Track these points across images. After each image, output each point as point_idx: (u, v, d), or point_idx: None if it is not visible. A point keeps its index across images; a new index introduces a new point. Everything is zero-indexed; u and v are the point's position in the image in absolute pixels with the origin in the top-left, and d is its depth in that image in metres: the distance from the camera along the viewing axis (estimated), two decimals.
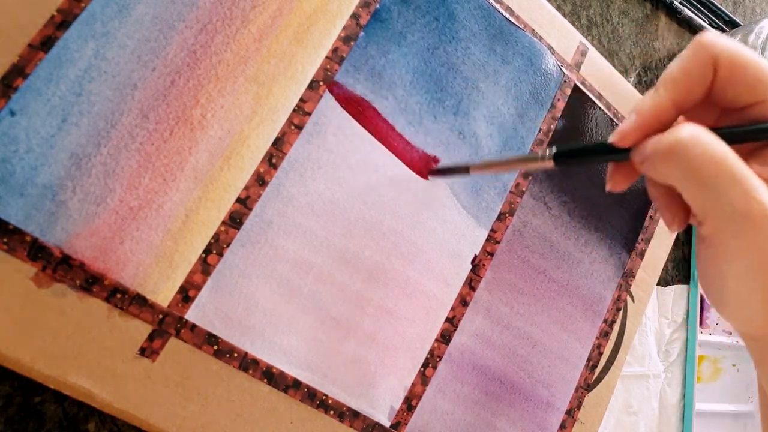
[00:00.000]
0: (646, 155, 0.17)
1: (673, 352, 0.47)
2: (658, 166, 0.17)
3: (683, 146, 0.16)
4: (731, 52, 0.17)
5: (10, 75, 0.24)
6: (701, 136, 0.16)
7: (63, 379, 0.23)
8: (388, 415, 0.29)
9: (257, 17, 0.28)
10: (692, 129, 0.16)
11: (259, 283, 0.27)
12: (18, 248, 0.23)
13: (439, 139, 0.32)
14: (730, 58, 0.17)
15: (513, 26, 0.35)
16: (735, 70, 0.17)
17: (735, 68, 0.17)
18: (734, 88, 0.17)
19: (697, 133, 0.16)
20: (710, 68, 0.17)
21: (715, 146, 0.16)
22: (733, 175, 0.16)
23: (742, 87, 0.17)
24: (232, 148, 0.27)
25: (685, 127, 0.16)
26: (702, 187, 0.16)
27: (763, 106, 0.17)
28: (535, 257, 0.35)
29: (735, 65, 0.17)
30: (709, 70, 0.17)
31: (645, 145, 0.18)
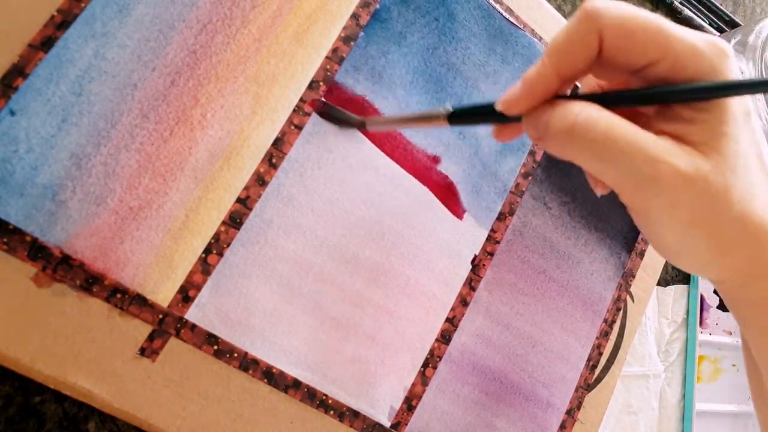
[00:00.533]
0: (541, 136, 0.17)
1: (673, 352, 0.47)
2: (557, 148, 0.17)
3: (578, 130, 0.16)
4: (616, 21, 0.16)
5: (10, 75, 0.24)
6: (592, 116, 0.16)
7: (63, 379, 0.23)
8: (388, 415, 0.29)
9: (257, 17, 0.28)
10: (582, 109, 0.16)
11: (259, 283, 0.27)
12: (18, 248, 0.23)
13: (439, 140, 0.32)
14: (615, 26, 0.16)
15: (513, 26, 0.35)
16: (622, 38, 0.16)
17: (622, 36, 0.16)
18: (625, 54, 0.16)
19: (587, 114, 0.16)
20: (595, 39, 0.16)
21: (607, 122, 0.16)
22: (632, 145, 0.16)
23: (633, 52, 0.16)
24: (232, 148, 0.27)
25: (573, 111, 0.16)
26: (605, 164, 0.16)
27: (658, 66, 0.16)
28: (535, 257, 0.35)
29: (621, 33, 0.16)
30: (594, 41, 0.16)
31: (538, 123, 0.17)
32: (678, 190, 0.16)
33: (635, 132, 0.16)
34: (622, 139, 0.16)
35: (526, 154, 0.35)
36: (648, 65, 0.16)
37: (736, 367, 0.50)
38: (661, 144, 0.16)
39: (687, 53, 0.16)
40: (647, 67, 0.16)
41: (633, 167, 0.16)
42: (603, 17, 0.16)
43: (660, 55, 0.16)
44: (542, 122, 0.17)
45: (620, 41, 0.16)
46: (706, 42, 0.16)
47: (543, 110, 0.17)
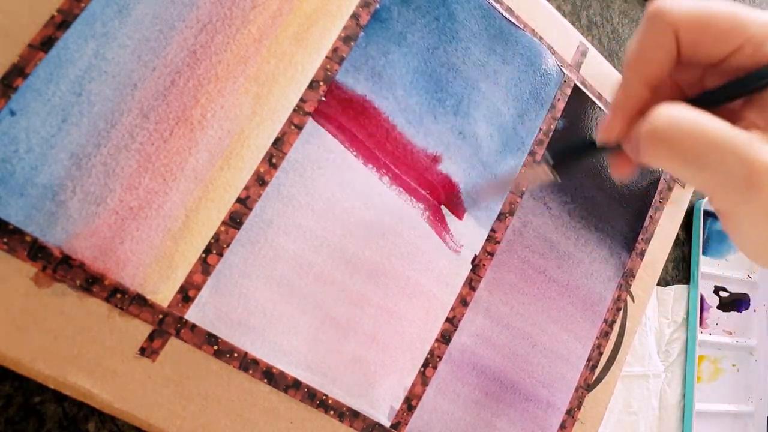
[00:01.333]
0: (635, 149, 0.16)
1: (673, 352, 0.47)
2: (649, 157, 0.16)
3: (661, 133, 0.15)
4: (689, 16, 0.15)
5: (10, 75, 0.24)
6: (676, 117, 0.15)
7: (63, 379, 0.23)
8: (388, 415, 0.29)
9: (257, 17, 0.28)
10: (665, 112, 0.15)
11: (259, 283, 0.27)
12: (18, 248, 0.23)
13: (439, 139, 0.32)
14: (689, 21, 0.15)
15: (513, 26, 0.35)
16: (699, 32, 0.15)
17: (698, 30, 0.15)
18: (704, 48, 0.16)
19: (670, 115, 0.15)
20: (671, 39, 0.16)
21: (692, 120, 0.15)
22: (721, 144, 0.14)
23: (712, 44, 0.16)
24: (232, 148, 0.27)
25: (658, 112, 0.15)
26: (696, 167, 0.15)
27: (739, 54, 0.15)
28: (535, 257, 0.35)
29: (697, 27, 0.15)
30: (671, 41, 0.16)
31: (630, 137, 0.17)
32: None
33: (724, 128, 0.14)
34: (710, 137, 0.14)
35: (526, 154, 0.35)
36: (729, 55, 0.15)
37: (736, 367, 0.50)
38: (755, 139, 0.14)
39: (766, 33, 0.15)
40: (728, 58, 0.16)
41: (724, 168, 0.14)
42: (674, 14, 0.15)
43: (740, 42, 0.15)
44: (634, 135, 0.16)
45: (697, 36, 0.15)
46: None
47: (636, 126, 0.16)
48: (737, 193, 0.15)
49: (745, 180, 0.14)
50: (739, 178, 0.14)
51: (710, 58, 0.16)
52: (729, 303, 0.50)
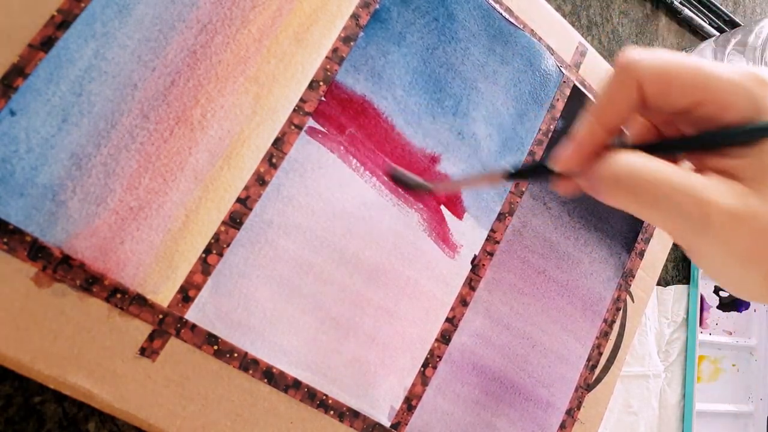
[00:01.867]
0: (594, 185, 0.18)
1: (673, 352, 0.47)
2: (607, 198, 0.17)
3: (622, 178, 0.16)
4: (654, 69, 0.16)
5: (10, 75, 0.24)
6: (636, 163, 0.16)
7: (63, 379, 0.23)
8: (388, 415, 0.29)
9: (257, 17, 0.28)
10: (624, 160, 0.16)
11: (259, 283, 0.27)
12: (18, 248, 0.23)
13: (438, 140, 0.32)
14: (653, 75, 0.16)
15: (512, 26, 0.35)
16: (662, 85, 0.17)
17: (661, 83, 0.17)
18: (667, 99, 0.17)
19: (628, 163, 0.16)
20: (634, 89, 0.17)
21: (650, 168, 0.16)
22: (678, 188, 0.16)
23: (675, 97, 0.17)
24: (232, 148, 0.27)
25: (617, 159, 0.17)
26: (654, 209, 0.16)
27: (702, 107, 0.16)
28: (535, 257, 0.35)
29: (660, 80, 0.16)
30: (634, 92, 0.17)
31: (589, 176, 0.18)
32: (728, 229, 0.16)
33: (680, 175, 0.16)
34: (666, 184, 0.16)
35: (526, 154, 0.35)
36: (691, 107, 0.17)
37: (736, 367, 0.50)
38: (708, 184, 0.16)
39: (728, 91, 0.16)
40: (691, 109, 0.17)
41: (681, 211, 0.16)
42: (640, 68, 0.17)
43: (702, 96, 0.16)
44: (592, 174, 0.18)
45: (660, 88, 0.17)
46: (747, 77, 0.16)
47: (593, 163, 0.18)
48: (693, 232, 0.16)
49: (701, 222, 0.16)
50: (694, 219, 0.16)
51: (674, 109, 0.17)
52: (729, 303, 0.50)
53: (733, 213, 0.15)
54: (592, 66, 0.38)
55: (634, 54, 0.17)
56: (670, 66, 0.16)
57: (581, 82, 0.38)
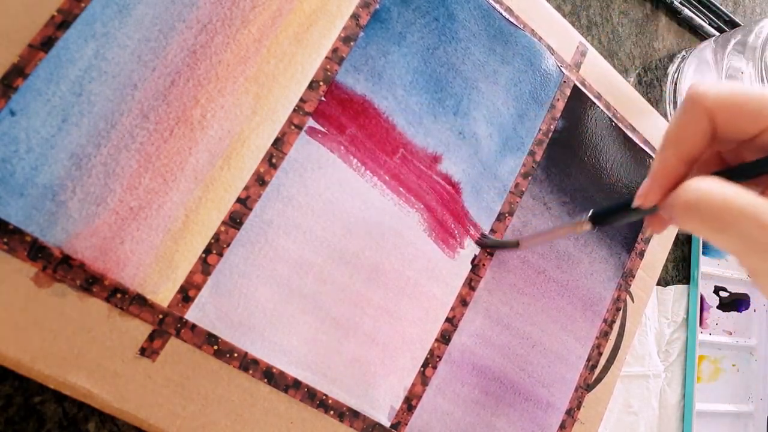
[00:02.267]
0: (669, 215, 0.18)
1: (673, 352, 0.47)
2: (683, 224, 0.18)
3: (692, 205, 0.17)
4: (723, 100, 0.17)
5: (10, 75, 0.24)
6: (705, 190, 0.17)
7: (63, 379, 0.23)
8: (388, 415, 0.29)
9: (257, 17, 0.28)
10: (695, 185, 0.17)
11: (259, 283, 0.27)
12: (18, 248, 0.23)
13: (439, 139, 0.32)
14: (723, 106, 0.17)
15: (512, 26, 0.35)
16: (733, 114, 0.17)
17: (732, 112, 0.17)
18: (737, 126, 0.17)
19: (699, 188, 0.17)
20: (706, 121, 0.18)
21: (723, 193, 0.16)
22: (747, 213, 0.16)
23: (743, 125, 0.17)
24: (232, 148, 0.27)
25: (689, 185, 0.17)
26: (724, 234, 0.17)
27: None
28: (535, 257, 0.35)
29: (731, 110, 0.17)
30: (706, 123, 0.18)
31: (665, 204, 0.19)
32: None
33: (751, 200, 0.16)
34: (737, 208, 0.16)
35: (526, 154, 0.35)
36: (760, 133, 0.17)
37: (736, 367, 0.50)
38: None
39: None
40: (759, 135, 0.17)
41: (749, 235, 0.16)
42: (709, 99, 0.17)
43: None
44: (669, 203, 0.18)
45: (729, 117, 0.17)
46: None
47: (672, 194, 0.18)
48: (761, 257, 0.16)
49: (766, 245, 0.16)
50: (764, 244, 0.16)
51: (743, 136, 0.18)
52: (729, 303, 0.50)
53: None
54: (592, 66, 0.38)
55: (701, 86, 0.18)
56: (737, 95, 0.17)
57: (582, 82, 0.38)
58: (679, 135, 0.19)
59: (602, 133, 0.38)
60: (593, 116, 0.38)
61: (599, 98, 0.38)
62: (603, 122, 0.38)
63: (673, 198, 0.18)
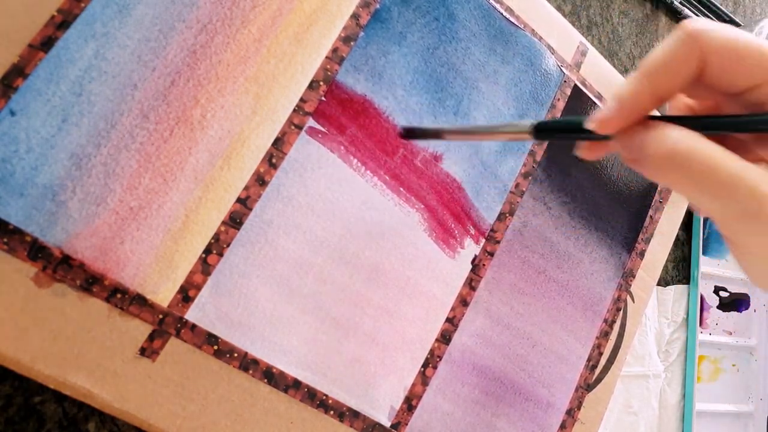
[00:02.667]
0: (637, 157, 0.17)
1: (673, 352, 0.47)
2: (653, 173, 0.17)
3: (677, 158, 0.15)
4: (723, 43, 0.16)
5: (10, 75, 0.24)
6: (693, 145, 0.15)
7: (63, 379, 0.23)
8: (388, 415, 0.29)
9: (257, 17, 0.28)
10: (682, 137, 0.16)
11: (259, 283, 0.27)
12: (18, 248, 0.23)
13: None
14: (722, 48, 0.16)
15: (513, 26, 0.35)
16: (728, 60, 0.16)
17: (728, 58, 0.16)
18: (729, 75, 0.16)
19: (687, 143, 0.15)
20: (696, 60, 0.16)
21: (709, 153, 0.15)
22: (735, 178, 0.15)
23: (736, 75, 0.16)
24: (232, 148, 0.27)
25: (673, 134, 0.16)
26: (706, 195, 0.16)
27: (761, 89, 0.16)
28: (535, 257, 0.35)
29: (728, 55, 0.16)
30: (695, 62, 0.16)
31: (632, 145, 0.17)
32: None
33: (739, 164, 0.15)
34: (724, 172, 0.15)
35: (526, 154, 0.35)
36: (750, 88, 0.16)
37: (736, 367, 0.50)
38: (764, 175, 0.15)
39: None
40: (749, 91, 0.16)
41: (736, 202, 0.15)
42: (709, 38, 0.16)
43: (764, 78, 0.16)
44: (637, 144, 0.17)
45: (724, 63, 0.16)
46: None
47: (637, 131, 0.17)
48: (745, 224, 0.15)
49: (752, 212, 0.15)
50: (747, 210, 0.15)
51: (731, 88, 0.16)
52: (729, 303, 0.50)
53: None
54: (592, 66, 0.38)
55: (701, 22, 0.16)
56: (737, 41, 0.16)
57: (582, 81, 0.37)
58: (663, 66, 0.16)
59: None
60: None
61: (600, 98, 0.38)
62: None
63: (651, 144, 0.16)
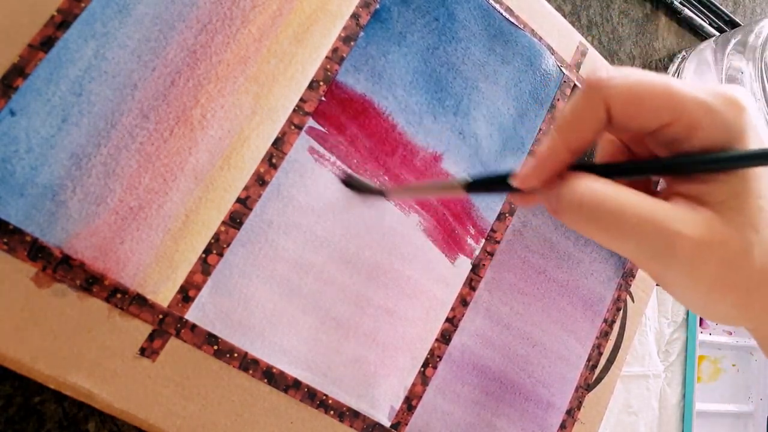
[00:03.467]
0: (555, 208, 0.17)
1: (673, 352, 0.47)
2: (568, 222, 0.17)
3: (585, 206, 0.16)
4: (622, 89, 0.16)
5: (10, 75, 0.24)
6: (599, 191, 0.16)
7: (63, 379, 0.23)
8: (389, 415, 0.29)
9: (257, 17, 0.28)
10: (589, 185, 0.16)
11: (259, 283, 0.27)
12: (18, 248, 0.23)
13: (439, 139, 0.32)
14: (622, 95, 0.16)
15: (513, 26, 0.35)
16: (631, 106, 0.16)
17: (630, 104, 0.16)
18: (636, 119, 0.16)
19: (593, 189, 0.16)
20: (602, 110, 0.16)
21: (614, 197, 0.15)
22: (642, 219, 0.15)
23: (644, 118, 0.16)
24: (232, 148, 0.27)
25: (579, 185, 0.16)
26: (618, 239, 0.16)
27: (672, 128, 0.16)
28: (535, 257, 0.35)
29: (629, 101, 0.16)
30: (601, 112, 0.16)
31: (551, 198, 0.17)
32: (695, 258, 0.15)
33: (645, 204, 0.15)
34: (631, 214, 0.15)
35: (526, 154, 0.35)
36: (661, 127, 0.16)
37: (736, 367, 0.50)
38: (673, 213, 0.15)
39: (699, 112, 0.15)
40: (661, 129, 0.16)
41: (646, 241, 0.15)
42: (608, 87, 0.16)
43: (672, 117, 0.16)
44: (554, 197, 0.17)
45: (629, 108, 0.16)
46: (718, 97, 0.15)
47: (555, 184, 0.17)
48: (660, 263, 0.16)
49: (667, 252, 0.15)
50: (661, 250, 0.15)
51: (642, 129, 0.17)
52: None
53: (699, 242, 0.15)
54: (592, 66, 0.38)
55: (603, 73, 0.16)
56: (638, 86, 0.16)
57: (582, 81, 0.38)
58: (572, 122, 0.17)
59: None
60: None
61: None
62: None
63: (562, 195, 0.16)
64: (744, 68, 0.45)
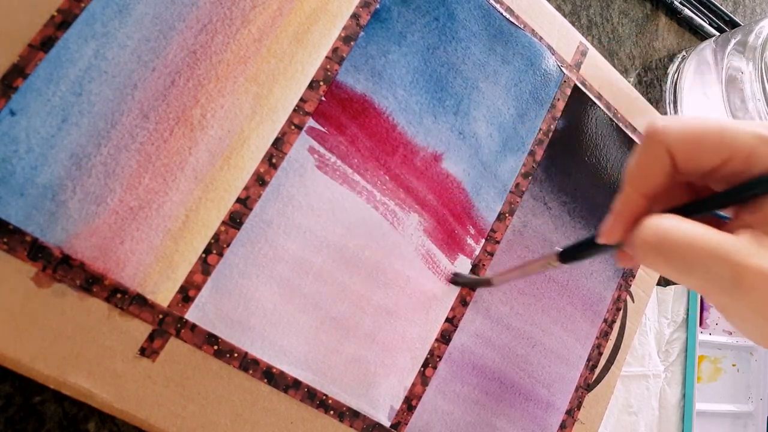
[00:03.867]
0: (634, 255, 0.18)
1: (673, 352, 0.47)
2: (646, 264, 0.18)
3: (651, 245, 0.16)
4: (680, 134, 0.17)
5: (10, 75, 0.24)
6: (663, 228, 0.16)
7: (63, 379, 0.23)
8: (388, 415, 0.29)
9: (257, 17, 0.28)
10: (654, 224, 0.17)
11: (259, 283, 0.27)
12: (18, 248, 0.23)
13: (439, 139, 0.32)
14: (681, 139, 0.17)
15: (513, 26, 0.35)
16: (691, 149, 0.17)
17: (691, 147, 0.17)
18: (696, 161, 0.17)
19: (658, 227, 0.16)
20: (665, 156, 0.17)
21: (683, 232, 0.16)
22: (710, 251, 0.16)
23: (703, 158, 0.17)
24: (232, 148, 0.27)
25: (647, 224, 0.17)
26: (686, 273, 0.16)
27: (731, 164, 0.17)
28: (536, 257, 0.35)
29: (689, 144, 0.17)
30: (666, 159, 0.17)
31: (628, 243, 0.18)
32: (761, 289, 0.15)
33: (713, 237, 0.16)
34: (699, 247, 0.16)
35: (527, 154, 0.35)
36: (720, 165, 0.17)
37: (736, 367, 0.50)
38: (741, 245, 0.16)
39: (751, 144, 0.16)
40: (720, 167, 0.17)
41: (712, 273, 0.16)
42: (667, 134, 0.17)
43: (729, 154, 0.17)
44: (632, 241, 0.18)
45: (689, 152, 0.17)
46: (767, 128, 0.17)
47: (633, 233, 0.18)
48: (726, 294, 0.16)
49: (732, 283, 0.15)
50: (727, 281, 0.16)
51: (704, 169, 0.18)
52: None
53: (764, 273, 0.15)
54: (592, 65, 0.38)
55: (660, 122, 0.17)
56: (695, 130, 0.17)
57: (582, 81, 0.37)
58: (640, 172, 0.18)
59: (603, 133, 0.38)
60: (594, 116, 0.38)
61: (600, 98, 0.38)
62: (603, 122, 0.38)
63: (634, 237, 0.17)
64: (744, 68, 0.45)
